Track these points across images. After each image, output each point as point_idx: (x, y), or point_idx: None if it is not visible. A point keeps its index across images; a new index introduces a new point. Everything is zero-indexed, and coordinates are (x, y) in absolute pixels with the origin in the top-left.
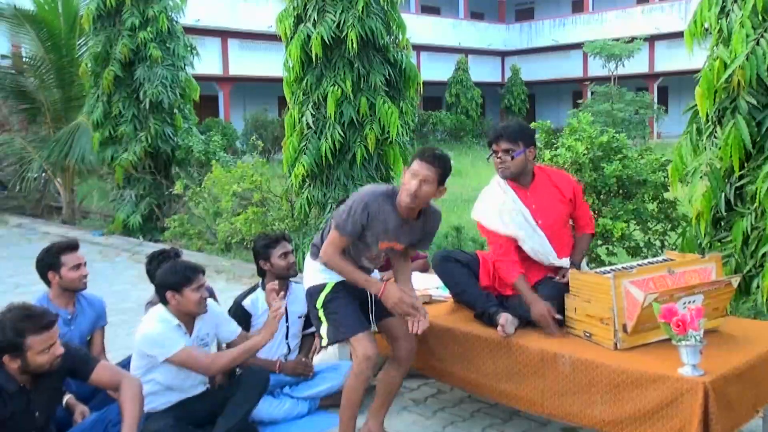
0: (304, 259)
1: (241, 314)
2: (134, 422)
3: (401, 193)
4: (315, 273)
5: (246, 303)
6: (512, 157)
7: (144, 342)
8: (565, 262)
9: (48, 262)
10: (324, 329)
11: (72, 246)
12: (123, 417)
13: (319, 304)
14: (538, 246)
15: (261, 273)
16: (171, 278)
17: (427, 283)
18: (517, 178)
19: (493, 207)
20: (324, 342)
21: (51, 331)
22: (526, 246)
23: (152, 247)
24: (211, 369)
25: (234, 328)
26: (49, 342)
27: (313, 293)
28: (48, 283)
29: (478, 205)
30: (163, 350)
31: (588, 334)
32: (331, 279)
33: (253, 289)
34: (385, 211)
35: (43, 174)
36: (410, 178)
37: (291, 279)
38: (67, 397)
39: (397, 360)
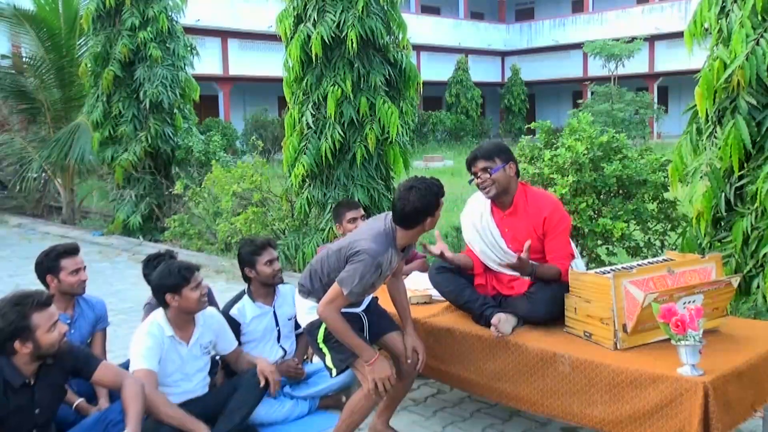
0: (303, 258)
1: (229, 324)
2: (137, 419)
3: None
4: (309, 311)
5: (233, 312)
6: (490, 174)
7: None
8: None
9: (47, 266)
10: (329, 360)
11: (72, 250)
12: (126, 414)
13: (320, 338)
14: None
15: (246, 279)
16: (168, 280)
17: (427, 283)
18: (500, 197)
19: (470, 217)
20: (333, 373)
21: (51, 307)
22: (489, 262)
23: (152, 247)
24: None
25: (231, 341)
26: (53, 319)
27: (311, 330)
28: (47, 286)
29: (465, 209)
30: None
31: (588, 334)
32: None
33: (239, 297)
34: (390, 254)
35: (43, 174)
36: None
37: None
38: (79, 401)
39: (402, 373)
